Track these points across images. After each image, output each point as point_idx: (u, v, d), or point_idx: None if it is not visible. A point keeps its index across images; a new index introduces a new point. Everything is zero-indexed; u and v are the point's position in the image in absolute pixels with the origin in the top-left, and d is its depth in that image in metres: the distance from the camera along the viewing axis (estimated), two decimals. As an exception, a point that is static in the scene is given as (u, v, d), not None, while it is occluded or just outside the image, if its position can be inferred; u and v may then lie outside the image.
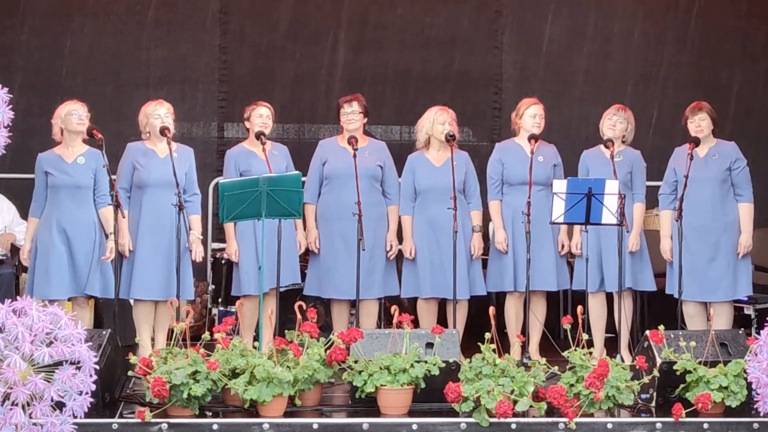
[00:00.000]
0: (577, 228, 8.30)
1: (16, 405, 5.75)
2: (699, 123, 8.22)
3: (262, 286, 7.81)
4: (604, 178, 7.93)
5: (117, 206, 7.72)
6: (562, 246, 8.40)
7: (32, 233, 7.99)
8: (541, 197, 8.26)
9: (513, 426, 6.50)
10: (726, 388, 6.67)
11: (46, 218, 7.93)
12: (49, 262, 7.84)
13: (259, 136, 8.24)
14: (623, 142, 8.43)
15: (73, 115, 7.93)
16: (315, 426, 6.50)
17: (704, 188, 8.15)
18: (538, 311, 8.39)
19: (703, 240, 8.16)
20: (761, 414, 6.55)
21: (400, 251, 8.54)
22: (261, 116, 8.36)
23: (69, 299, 7.98)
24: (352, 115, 8.39)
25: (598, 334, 8.37)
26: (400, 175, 8.54)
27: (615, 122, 8.35)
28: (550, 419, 6.57)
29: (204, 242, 8.34)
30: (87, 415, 5.99)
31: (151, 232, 8.03)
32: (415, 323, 7.24)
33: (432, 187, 8.33)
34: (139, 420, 6.42)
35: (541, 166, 8.35)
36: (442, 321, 8.11)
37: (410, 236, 8.39)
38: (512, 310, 8.43)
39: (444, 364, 6.74)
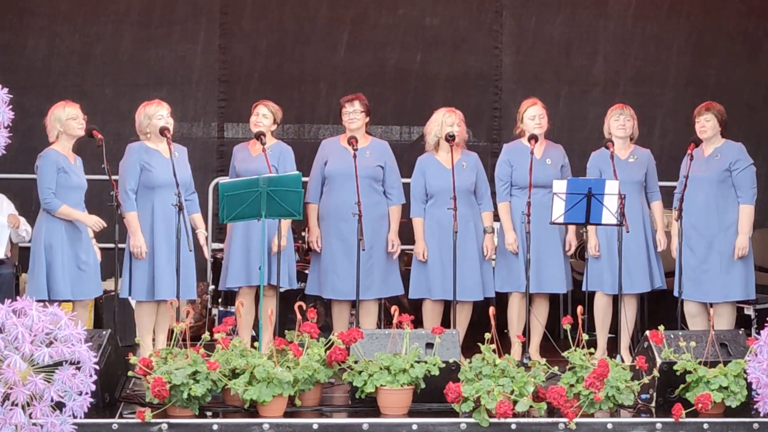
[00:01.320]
0: (591, 229, 8.22)
1: (16, 405, 5.75)
2: (704, 124, 8.20)
3: (262, 286, 7.80)
4: (605, 178, 7.94)
5: (117, 207, 7.71)
6: (570, 246, 8.40)
7: (80, 213, 7.87)
8: (548, 200, 8.19)
9: (513, 426, 6.50)
10: (726, 388, 6.67)
11: (52, 219, 7.82)
12: (63, 262, 7.81)
13: (258, 136, 8.24)
14: (631, 139, 8.42)
15: (73, 119, 7.89)
16: (315, 426, 6.50)
17: (702, 188, 8.14)
18: (541, 313, 8.39)
19: (698, 240, 8.15)
20: (761, 414, 6.55)
21: (403, 251, 8.54)
22: (257, 115, 8.36)
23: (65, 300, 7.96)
24: (353, 114, 8.38)
25: (603, 335, 8.36)
26: (402, 175, 8.54)
27: (623, 122, 8.34)
28: (550, 419, 6.57)
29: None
30: (87, 416, 5.99)
31: (167, 233, 7.99)
32: (416, 323, 7.25)
33: (443, 189, 8.29)
34: (139, 420, 6.42)
35: (548, 169, 8.34)
36: (446, 322, 8.10)
37: (422, 238, 8.37)
38: (515, 311, 8.42)
39: (444, 365, 6.74)
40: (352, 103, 8.40)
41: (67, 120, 7.88)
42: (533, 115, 8.39)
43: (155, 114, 8.09)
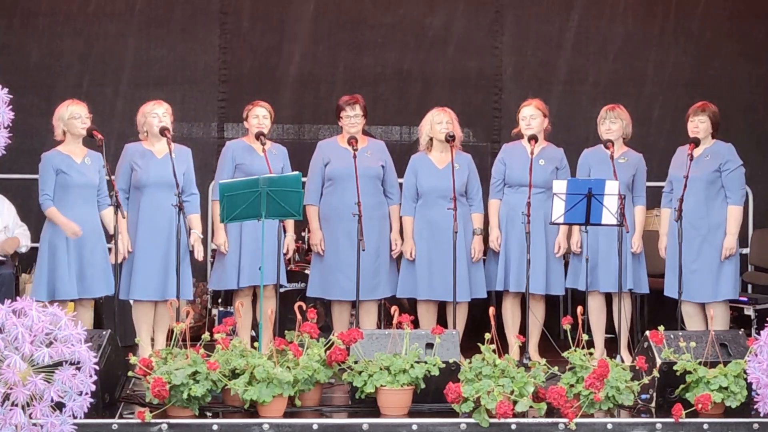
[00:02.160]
0: (575, 227, 8.28)
1: (16, 405, 5.75)
2: (697, 124, 8.22)
3: (262, 285, 7.80)
4: (604, 178, 7.94)
5: (117, 207, 7.71)
6: (559, 247, 8.39)
7: (63, 218, 7.85)
8: (538, 200, 8.23)
9: (513, 426, 6.50)
10: (726, 388, 6.67)
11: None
12: (69, 261, 7.81)
13: (258, 136, 8.23)
14: (624, 140, 8.42)
15: (76, 119, 7.92)
16: (315, 426, 6.50)
17: (692, 188, 8.12)
18: (537, 312, 8.39)
19: (691, 240, 8.14)
20: (761, 414, 6.55)
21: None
22: (257, 117, 8.35)
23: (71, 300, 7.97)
24: (354, 118, 8.36)
25: (599, 335, 8.37)
26: (399, 175, 8.55)
27: (609, 125, 8.34)
28: (550, 420, 6.57)
29: (204, 242, 8.34)
30: (87, 416, 5.98)
31: (149, 232, 8.03)
32: (416, 324, 7.25)
33: (434, 189, 8.32)
34: (139, 420, 6.42)
35: (540, 169, 8.34)
36: (442, 322, 8.10)
37: (411, 237, 8.38)
38: (509, 310, 8.43)
39: (444, 365, 6.74)
40: (353, 107, 8.38)
41: (69, 119, 7.92)
42: (525, 116, 8.42)
43: (150, 112, 8.12)
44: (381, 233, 8.33)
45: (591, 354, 6.90)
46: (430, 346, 6.90)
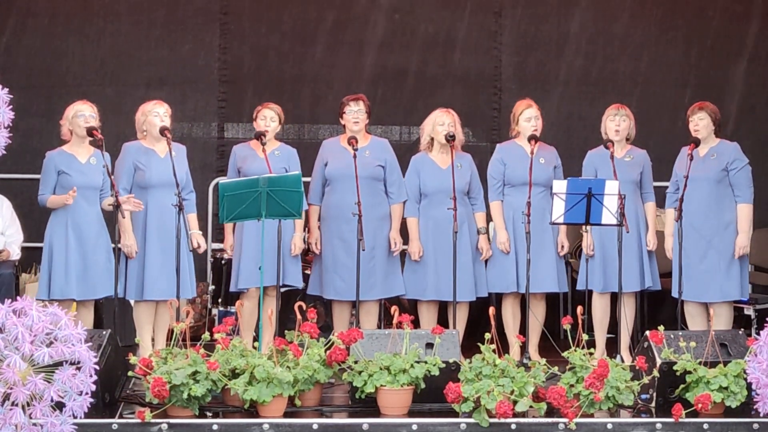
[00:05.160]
0: (590, 228, 8.24)
1: (16, 405, 5.75)
2: (697, 123, 8.21)
3: (262, 286, 7.80)
4: (604, 178, 7.94)
5: (117, 207, 7.71)
6: (562, 247, 8.39)
7: (54, 199, 7.85)
8: (541, 198, 8.25)
9: (513, 426, 6.50)
10: (726, 388, 6.67)
11: (58, 218, 7.86)
12: (68, 262, 7.82)
13: (258, 136, 8.24)
14: (627, 140, 8.42)
15: (79, 118, 7.92)
16: (315, 426, 6.50)
17: (700, 188, 8.14)
18: (538, 312, 8.39)
19: (697, 239, 8.15)
20: (761, 414, 6.55)
21: (404, 250, 8.54)
22: (265, 118, 8.36)
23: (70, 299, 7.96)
24: (358, 113, 8.35)
25: (601, 335, 8.37)
26: (402, 174, 8.54)
27: (618, 122, 8.34)
28: (550, 420, 6.57)
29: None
30: (87, 416, 5.98)
31: (160, 232, 8.00)
32: (416, 323, 7.24)
33: (438, 189, 8.31)
34: (139, 420, 6.42)
35: (542, 168, 8.34)
36: (443, 322, 8.10)
37: (417, 238, 8.38)
38: (509, 311, 8.43)
39: (444, 365, 6.74)
40: (357, 103, 8.38)
41: (73, 118, 7.94)
42: (529, 117, 8.41)
43: (151, 111, 8.11)
44: (376, 234, 8.30)
45: (591, 354, 6.90)
46: (430, 346, 6.90)
